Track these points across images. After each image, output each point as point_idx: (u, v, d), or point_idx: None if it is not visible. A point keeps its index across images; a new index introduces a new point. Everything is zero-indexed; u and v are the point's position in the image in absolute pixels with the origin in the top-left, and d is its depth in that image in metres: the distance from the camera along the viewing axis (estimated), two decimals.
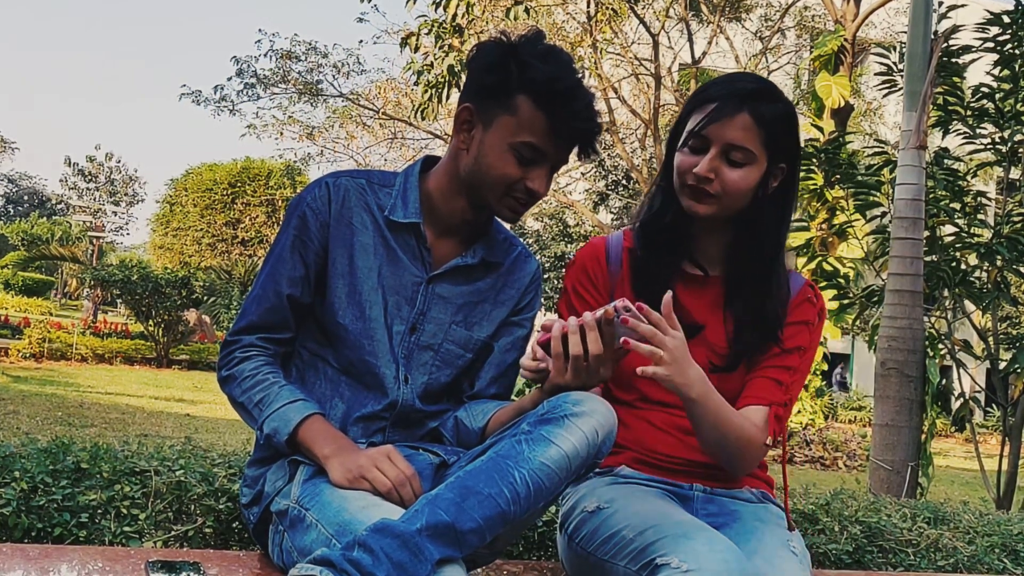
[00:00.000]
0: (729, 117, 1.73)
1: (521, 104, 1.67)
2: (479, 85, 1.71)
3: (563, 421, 1.51)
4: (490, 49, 1.72)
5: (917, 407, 5.07)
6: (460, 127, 1.74)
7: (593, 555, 1.69)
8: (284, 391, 1.69)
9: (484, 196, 1.74)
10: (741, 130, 1.74)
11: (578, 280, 1.90)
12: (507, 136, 1.68)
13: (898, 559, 2.68)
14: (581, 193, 21.51)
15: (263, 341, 1.76)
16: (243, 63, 18.06)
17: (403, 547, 1.36)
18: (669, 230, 1.86)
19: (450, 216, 1.79)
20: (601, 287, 1.89)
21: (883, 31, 18.59)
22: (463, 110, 1.73)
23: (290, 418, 1.65)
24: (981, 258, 5.77)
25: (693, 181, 1.76)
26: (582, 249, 1.95)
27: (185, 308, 16.16)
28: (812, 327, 1.89)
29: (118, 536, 1.92)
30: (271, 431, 1.66)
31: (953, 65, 5.64)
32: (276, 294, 1.75)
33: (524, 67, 1.66)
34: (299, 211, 1.77)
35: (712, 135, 1.74)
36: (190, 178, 31.60)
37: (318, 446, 1.62)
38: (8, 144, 54.84)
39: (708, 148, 1.75)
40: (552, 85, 1.66)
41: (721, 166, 1.75)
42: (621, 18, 15.37)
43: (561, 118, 1.67)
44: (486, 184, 1.72)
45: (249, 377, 1.72)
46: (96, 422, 8.41)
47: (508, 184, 1.71)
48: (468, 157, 1.73)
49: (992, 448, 12.99)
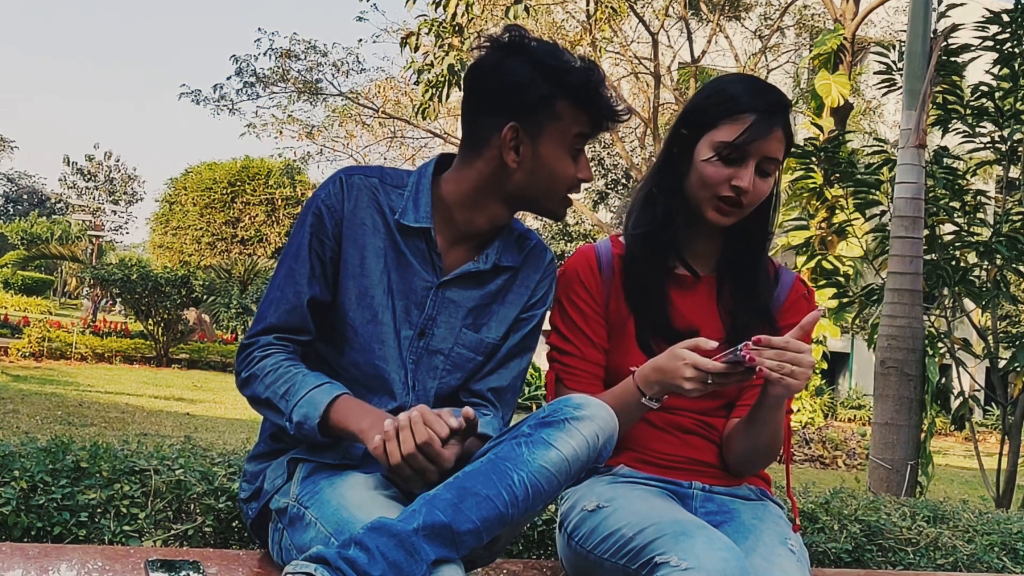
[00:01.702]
0: (768, 133, 1.76)
1: (563, 109, 1.70)
2: (517, 104, 1.69)
3: (564, 424, 1.50)
4: (507, 65, 1.70)
5: (917, 406, 5.07)
6: (508, 147, 1.70)
7: (592, 553, 1.69)
8: (309, 378, 1.65)
9: (541, 204, 1.77)
10: (776, 143, 1.78)
11: (572, 291, 1.90)
12: (561, 140, 1.71)
13: (897, 558, 2.68)
14: (580, 192, 21.48)
15: (281, 340, 1.73)
16: (242, 62, 18.07)
17: (399, 546, 1.36)
18: (665, 233, 1.87)
19: (468, 224, 1.77)
20: (596, 296, 1.89)
21: (882, 30, 18.58)
22: (510, 129, 1.69)
23: (319, 401, 1.61)
24: (981, 257, 5.77)
25: (731, 193, 1.77)
26: (572, 259, 1.95)
27: (185, 307, 16.14)
28: None
29: (118, 535, 1.92)
30: (301, 418, 1.61)
31: (952, 64, 5.64)
32: (296, 295, 1.72)
33: (554, 75, 1.69)
34: (314, 208, 1.75)
35: (753, 150, 1.76)
36: (189, 177, 31.57)
37: (352, 422, 1.59)
38: (7, 143, 54.82)
39: (744, 160, 1.76)
40: (587, 84, 1.70)
41: (755, 179, 1.77)
42: (620, 17, 15.38)
43: (599, 110, 1.73)
44: (546, 191, 1.75)
45: (271, 371, 1.68)
46: (96, 421, 8.40)
47: (569, 184, 1.76)
48: (521, 172, 1.72)
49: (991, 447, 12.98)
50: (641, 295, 1.86)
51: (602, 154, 21.50)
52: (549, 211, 1.80)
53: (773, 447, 1.82)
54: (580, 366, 1.87)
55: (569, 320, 1.88)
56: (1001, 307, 9.72)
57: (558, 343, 1.90)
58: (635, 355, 1.80)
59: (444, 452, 1.50)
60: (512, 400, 1.86)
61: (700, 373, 1.62)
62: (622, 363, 1.82)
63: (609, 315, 1.89)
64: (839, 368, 24.40)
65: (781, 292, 1.93)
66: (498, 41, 1.72)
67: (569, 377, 1.87)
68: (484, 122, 1.72)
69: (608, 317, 1.89)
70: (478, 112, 1.74)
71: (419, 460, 1.49)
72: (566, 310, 1.89)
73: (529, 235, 1.88)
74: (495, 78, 1.71)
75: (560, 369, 1.89)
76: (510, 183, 1.73)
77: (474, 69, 1.76)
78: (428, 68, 9.77)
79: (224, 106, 18.57)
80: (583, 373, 1.86)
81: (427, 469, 1.50)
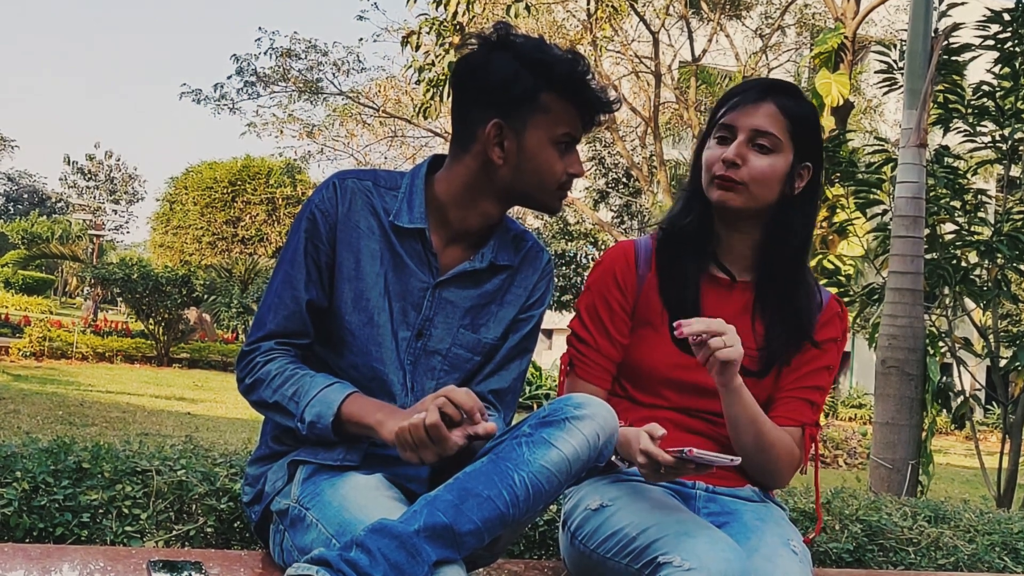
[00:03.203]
0: (754, 105, 1.79)
1: (550, 101, 1.69)
2: (502, 99, 1.69)
3: (564, 424, 1.50)
4: (493, 62, 1.70)
5: (917, 405, 5.06)
6: (492, 143, 1.71)
7: (595, 553, 1.69)
8: (317, 378, 1.67)
9: (533, 198, 1.76)
10: (766, 117, 1.79)
11: (603, 282, 1.91)
12: (547, 133, 1.70)
13: (899, 558, 2.68)
14: (581, 191, 21.51)
15: (282, 345, 1.73)
16: (243, 61, 18.08)
17: (400, 548, 1.36)
18: (693, 231, 1.87)
19: (461, 223, 1.77)
20: (629, 291, 1.90)
21: (883, 28, 18.58)
22: (493, 126, 1.69)
23: (332, 400, 1.62)
24: (981, 256, 5.77)
25: (721, 169, 1.79)
26: (611, 252, 1.96)
27: (185, 306, 16.16)
28: (840, 344, 1.93)
29: (120, 536, 1.93)
30: (314, 417, 1.62)
31: (953, 63, 5.64)
32: (294, 299, 1.73)
33: (539, 68, 1.68)
34: (308, 213, 1.75)
35: (738, 123, 1.79)
36: (190, 176, 31.57)
37: (367, 416, 1.60)
38: (8, 142, 54.84)
39: (735, 138, 1.79)
40: (572, 76, 1.70)
41: (748, 152, 1.78)
42: (621, 16, 15.38)
43: (586, 101, 1.71)
44: (536, 186, 1.73)
45: (277, 375, 1.68)
46: (97, 421, 8.41)
47: (557, 177, 1.74)
48: (507, 168, 1.72)
49: (992, 446, 12.98)
50: (674, 289, 1.87)
51: (603, 153, 21.50)
52: (541, 204, 1.79)
53: (767, 452, 1.80)
54: (594, 357, 1.89)
55: (594, 311, 1.90)
56: (1002, 306, 9.72)
57: (578, 330, 1.92)
58: (663, 350, 1.82)
59: (452, 436, 1.50)
60: (513, 401, 1.86)
61: (651, 461, 1.61)
62: (648, 359, 1.84)
63: (638, 310, 1.90)
64: (840, 367, 24.39)
65: (817, 310, 1.92)
66: (484, 38, 1.73)
67: (581, 366, 1.89)
68: (471, 119, 1.73)
69: (636, 313, 1.90)
70: (465, 109, 1.75)
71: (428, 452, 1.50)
72: (593, 301, 1.91)
73: (526, 235, 1.89)
74: (480, 75, 1.71)
75: (575, 355, 1.91)
76: (498, 179, 1.73)
77: (460, 66, 1.76)
78: (429, 67, 9.77)
79: (225, 105, 18.60)
80: (595, 365, 1.89)
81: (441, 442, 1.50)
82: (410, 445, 1.50)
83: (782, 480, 1.88)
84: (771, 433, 1.80)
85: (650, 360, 1.84)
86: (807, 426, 1.87)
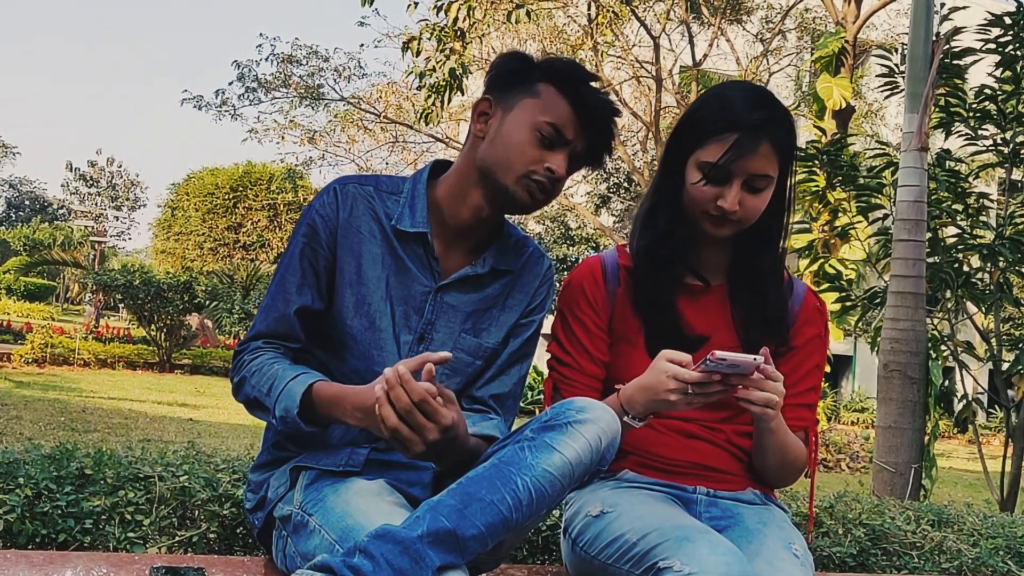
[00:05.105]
0: (751, 151, 1.73)
1: (544, 90, 1.71)
2: (499, 77, 1.75)
3: (567, 428, 1.50)
4: (511, 59, 1.79)
5: (920, 409, 5.06)
6: (478, 117, 1.75)
7: (596, 559, 1.69)
8: (287, 371, 1.64)
9: (500, 180, 1.70)
10: (763, 159, 1.75)
11: (575, 303, 1.90)
12: (530, 116, 1.70)
13: (902, 562, 2.67)
14: (583, 196, 21.53)
15: (270, 344, 1.73)
16: (244, 67, 18.11)
17: (404, 553, 1.35)
18: (675, 251, 1.87)
19: (458, 221, 1.77)
20: (600, 308, 1.89)
21: (884, 33, 18.58)
22: (481, 100, 1.75)
23: (295, 392, 1.60)
24: (983, 259, 5.77)
25: (717, 213, 1.77)
26: (577, 271, 1.94)
27: (187, 312, 16.17)
28: (824, 339, 1.94)
29: (122, 542, 1.93)
30: (283, 412, 1.60)
31: (955, 67, 5.64)
32: (284, 303, 1.73)
33: (544, 63, 1.75)
34: (308, 218, 1.76)
35: (736, 169, 1.74)
36: (192, 182, 31.65)
37: (335, 409, 1.58)
38: (9, 149, 54.92)
39: (729, 180, 1.75)
40: (573, 73, 1.72)
41: (745, 196, 1.76)
42: (622, 21, 15.39)
43: (582, 103, 1.71)
44: (504, 165, 1.70)
45: (256, 371, 1.68)
46: (99, 427, 8.41)
47: (527, 163, 1.69)
48: (486, 143, 1.73)
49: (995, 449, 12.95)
50: (650, 306, 1.86)
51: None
52: (505, 191, 1.71)
53: (789, 466, 1.85)
54: (577, 378, 1.87)
55: (570, 332, 1.89)
56: (1004, 310, 9.71)
57: (558, 353, 1.90)
58: (643, 366, 1.76)
59: (442, 409, 1.48)
60: (514, 406, 1.86)
61: (681, 384, 1.62)
62: (627, 375, 1.79)
63: (614, 327, 1.89)
64: (842, 371, 24.38)
65: (794, 303, 1.93)
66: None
67: (567, 388, 1.87)
68: (478, 107, 1.78)
69: (612, 329, 1.89)
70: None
71: (417, 417, 1.47)
72: (568, 322, 1.90)
73: (527, 242, 1.89)
74: (498, 66, 1.78)
75: (558, 379, 1.89)
76: (478, 155, 1.74)
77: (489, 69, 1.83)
78: (430, 73, 9.77)
79: (226, 111, 18.62)
80: (581, 386, 1.87)
81: (426, 427, 1.47)
82: (409, 437, 1.49)
83: (792, 482, 1.92)
84: (792, 450, 1.83)
85: (631, 375, 1.78)
86: (810, 427, 1.90)
